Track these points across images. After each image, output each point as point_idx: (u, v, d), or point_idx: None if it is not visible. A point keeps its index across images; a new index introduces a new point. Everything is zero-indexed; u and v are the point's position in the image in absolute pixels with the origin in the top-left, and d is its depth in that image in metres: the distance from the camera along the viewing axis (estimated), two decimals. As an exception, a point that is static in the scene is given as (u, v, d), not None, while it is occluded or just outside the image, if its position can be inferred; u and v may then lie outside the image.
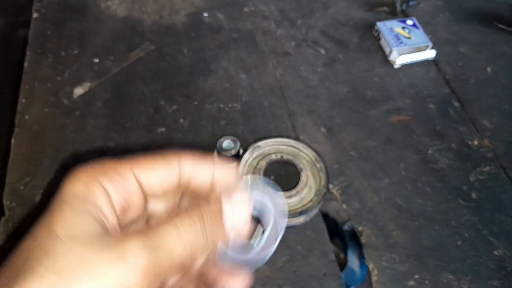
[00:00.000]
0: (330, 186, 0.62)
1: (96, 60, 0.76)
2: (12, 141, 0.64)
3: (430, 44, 0.77)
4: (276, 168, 0.63)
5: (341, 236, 0.92)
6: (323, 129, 0.68)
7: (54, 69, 0.74)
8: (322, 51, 0.79)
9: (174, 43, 0.79)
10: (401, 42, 0.76)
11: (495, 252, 0.57)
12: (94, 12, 0.83)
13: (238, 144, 0.62)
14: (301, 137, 0.67)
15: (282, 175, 0.63)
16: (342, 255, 0.94)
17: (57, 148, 0.64)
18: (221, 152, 0.61)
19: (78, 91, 0.71)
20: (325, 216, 0.66)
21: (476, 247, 0.57)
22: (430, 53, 0.77)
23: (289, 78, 0.75)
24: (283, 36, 0.81)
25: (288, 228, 0.58)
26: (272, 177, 0.63)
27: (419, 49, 0.77)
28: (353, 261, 0.88)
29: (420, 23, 0.81)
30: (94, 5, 0.85)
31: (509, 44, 0.78)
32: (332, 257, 0.56)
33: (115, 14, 0.83)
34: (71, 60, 0.76)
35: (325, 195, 0.58)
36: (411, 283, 0.54)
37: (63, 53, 0.77)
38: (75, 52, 0.77)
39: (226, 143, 0.62)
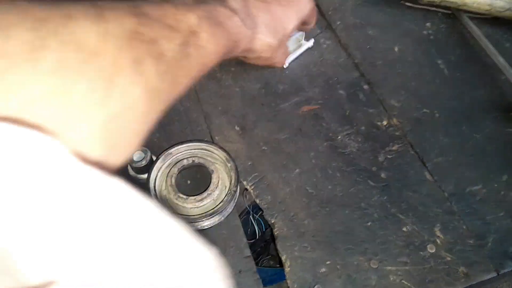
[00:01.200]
0: (245, 182, 0.63)
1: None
2: None
3: (303, 34, 0.76)
4: (190, 173, 0.64)
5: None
6: (237, 128, 0.69)
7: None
8: (235, 49, 0.80)
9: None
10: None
11: (404, 229, 0.59)
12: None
13: (149, 153, 0.62)
14: (216, 138, 0.68)
15: (199, 178, 0.64)
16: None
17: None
18: (132, 165, 0.62)
19: None
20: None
21: (385, 226, 0.59)
22: (308, 43, 0.76)
23: (204, 80, 0.75)
24: (196, 38, 0.82)
25: (204, 230, 0.59)
26: (188, 181, 0.64)
27: (298, 41, 0.77)
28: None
29: (330, 10, 0.82)
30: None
31: (414, 22, 0.80)
32: (248, 252, 0.57)
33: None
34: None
35: (235, 193, 0.59)
36: (323, 269, 0.56)
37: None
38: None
39: (137, 154, 0.62)
